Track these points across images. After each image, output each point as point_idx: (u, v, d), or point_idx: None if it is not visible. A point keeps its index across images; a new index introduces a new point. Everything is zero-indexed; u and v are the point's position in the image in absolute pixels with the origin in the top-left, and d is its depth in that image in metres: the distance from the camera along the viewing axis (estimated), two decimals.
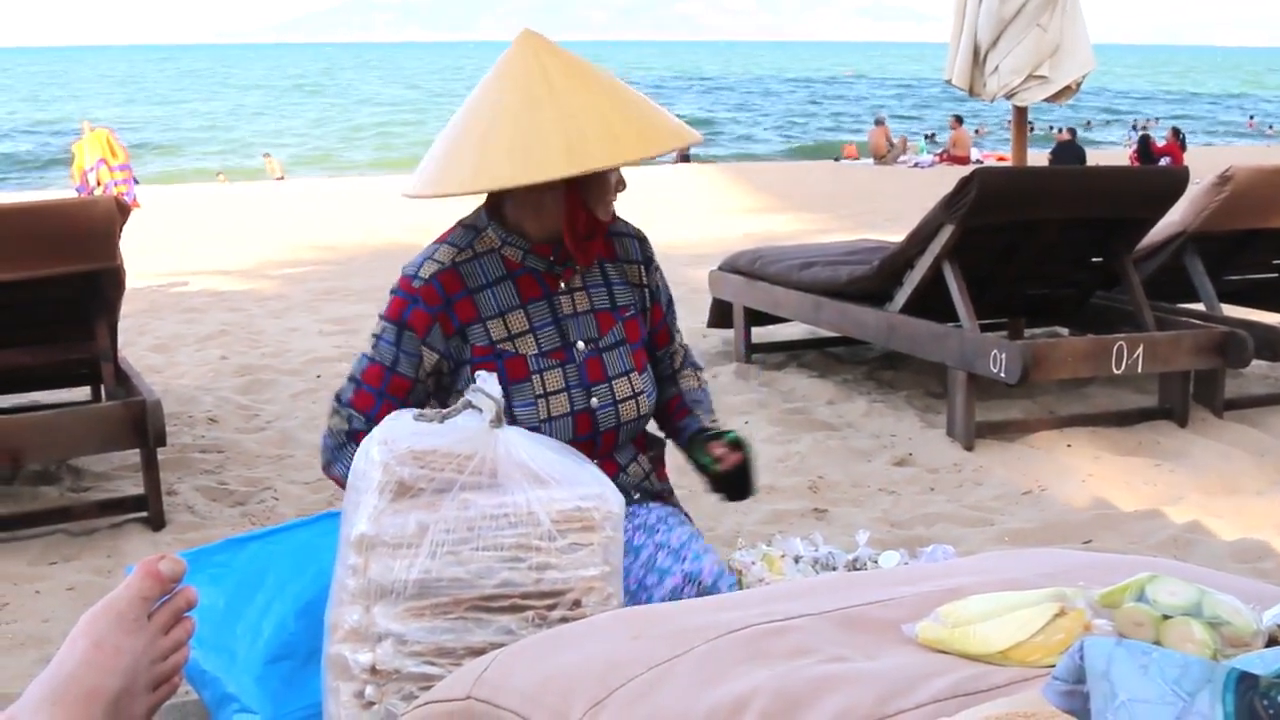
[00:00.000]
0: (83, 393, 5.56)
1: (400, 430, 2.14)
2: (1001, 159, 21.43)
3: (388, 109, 58.38)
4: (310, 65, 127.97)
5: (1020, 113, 6.77)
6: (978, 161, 25.79)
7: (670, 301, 2.80)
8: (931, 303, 5.33)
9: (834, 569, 2.77)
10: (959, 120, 26.62)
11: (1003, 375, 4.88)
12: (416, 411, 2.18)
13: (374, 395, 2.51)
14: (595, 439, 2.54)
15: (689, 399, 2.80)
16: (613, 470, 2.54)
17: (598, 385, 2.55)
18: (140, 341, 7.52)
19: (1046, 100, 6.41)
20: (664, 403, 2.80)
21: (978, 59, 6.34)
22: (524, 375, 2.50)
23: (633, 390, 2.59)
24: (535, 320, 2.54)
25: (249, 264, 11.67)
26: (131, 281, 4.87)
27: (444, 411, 2.15)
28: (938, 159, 26.13)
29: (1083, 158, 23.65)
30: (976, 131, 28.34)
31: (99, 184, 14.18)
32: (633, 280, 2.68)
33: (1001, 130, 29.96)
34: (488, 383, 2.13)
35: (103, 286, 4.52)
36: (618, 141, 2.36)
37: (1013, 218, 5.24)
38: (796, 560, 2.80)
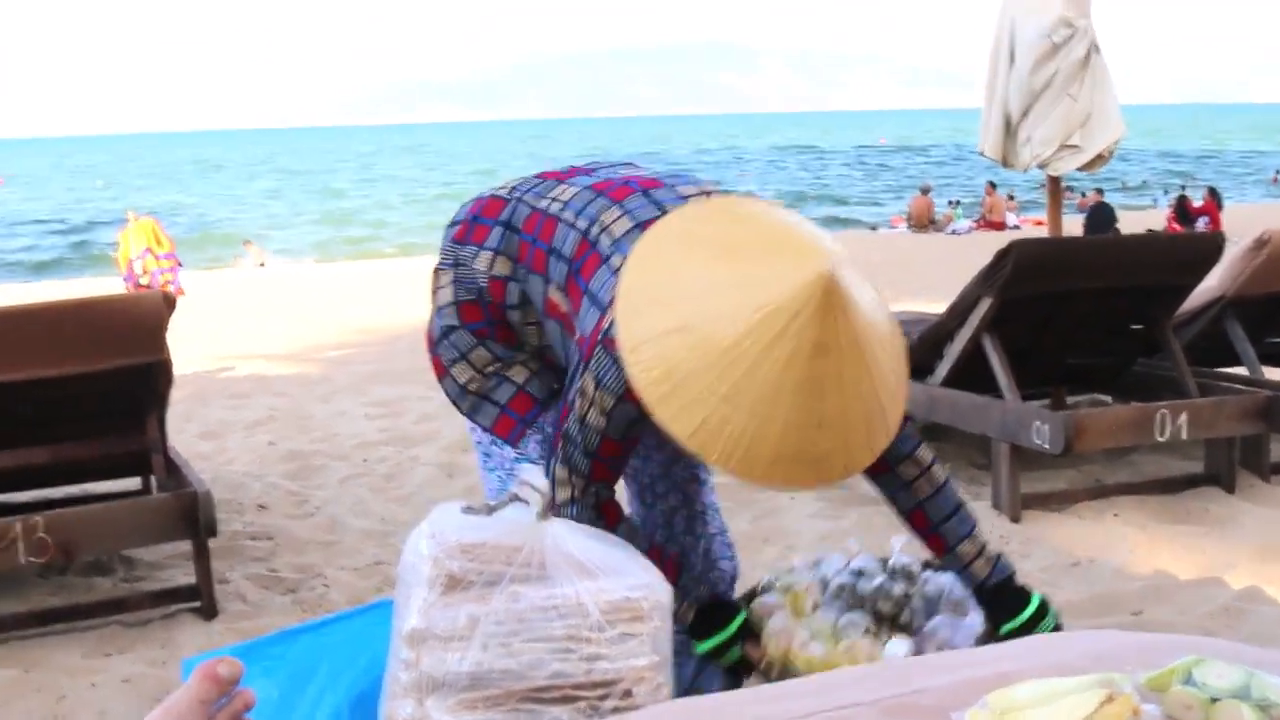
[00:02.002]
0: (133, 482, 5.62)
1: (449, 523, 2.17)
2: (1039, 223, 21.45)
3: (426, 188, 58.88)
4: (361, 148, 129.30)
5: (1054, 182, 6.81)
6: (1014, 227, 25.82)
7: None
8: (973, 374, 5.35)
9: (867, 589, 2.68)
10: (993, 186, 26.68)
11: (1046, 446, 4.89)
12: (465, 505, 2.22)
13: (602, 464, 2.46)
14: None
15: (929, 514, 2.68)
16: None
17: None
18: (189, 429, 7.60)
19: (1079, 169, 6.45)
20: (904, 514, 2.72)
21: (1009, 130, 6.39)
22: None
23: None
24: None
25: (294, 347, 11.78)
26: (179, 367, 4.94)
27: (492, 504, 2.19)
28: (974, 225, 26.18)
29: (1113, 218, 23.64)
30: (1010, 197, 28.37)
31: (144, 272, 14.38)
32: None
33: (1034, 192, 30.01)
34: (534, 475, 2.16)
35: (152, 379, 4.59)
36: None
37: (1050, 288, 5.26)
38: (824, 586, 2.67)
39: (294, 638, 2.74)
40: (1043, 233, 7.31)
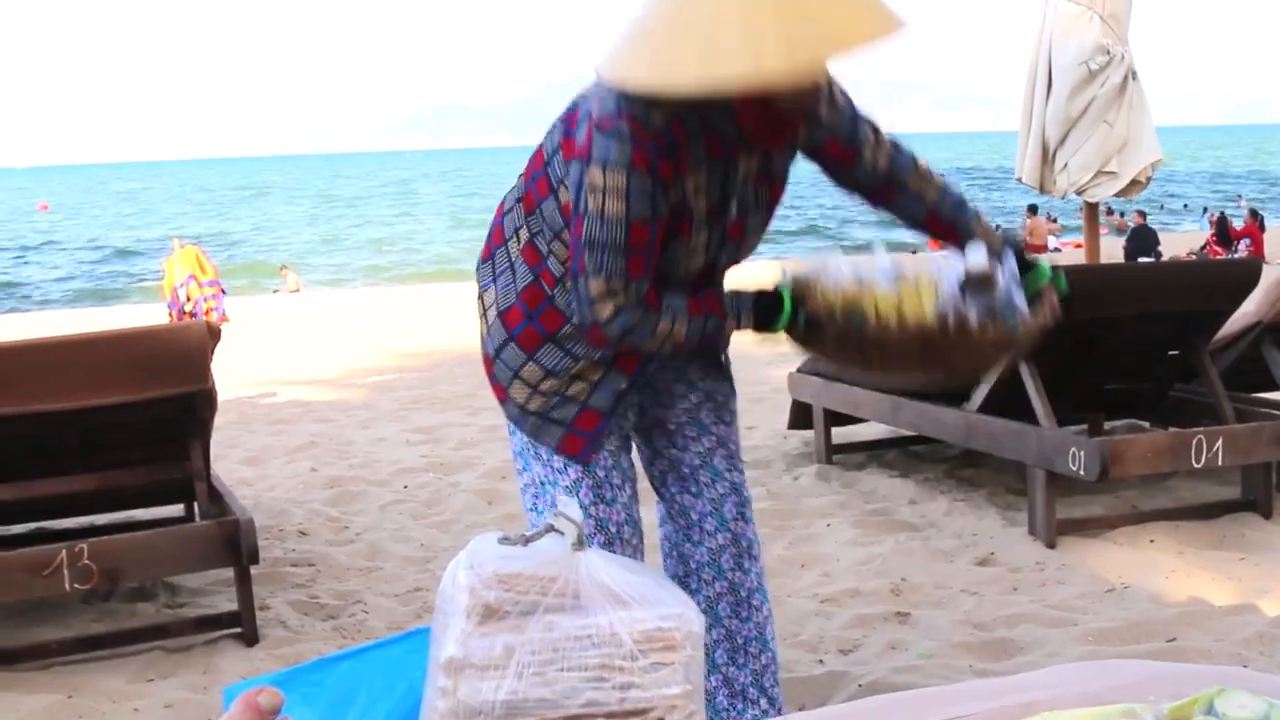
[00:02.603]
0: (176, 509, 5.69)
1: (486, 554, 2.21)
2: (1079, 246, 21.39)
3: (462, 213, 59.17)
4: (397, 173, 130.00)
5: (1091, 208, 6.82)
6: (1055, 250, 25.73)
7: (855, 119, 2.77)
8: (1009, 401, 5.36)
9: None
10: (1033, 210, 26.62)
11: (1082, 473, 4.89)
12: (501, 535, 2.25)
13: (634, 255, 2.52)
14: (715, 271, 2.72)
15: (942, 212, 2.85)
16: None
17: (732, 242, 2.68)
18: (232, 454, 7.68)
19: (1116, 195, 6.46)
20: (914, 219, 2.85)
21: (1046, 157, 6.40)
22: (687, 234, 2.60)
23: (755, 242, 2.75)
24: (711, 180, 2.59)
25: (335, 372, 11.87)
26: (223, 393, 5.01)
27: (527, 535, 2.23)
28: None
29: (1155, 240, 23.55)
30: (1053, 219, 28.28)
31: (188, 299, 14.53)
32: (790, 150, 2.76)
33: (1076, 214, 29.91)
34: (569, 506, 2.20)
35: (196, 408, 4.66)
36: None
37: (1087, 315, 5.26)
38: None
39: (333, 665, 2.79)
40: (1083, 256, 7.31)
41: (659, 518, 3.01)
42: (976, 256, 2.52)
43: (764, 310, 2.65)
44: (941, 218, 2.83)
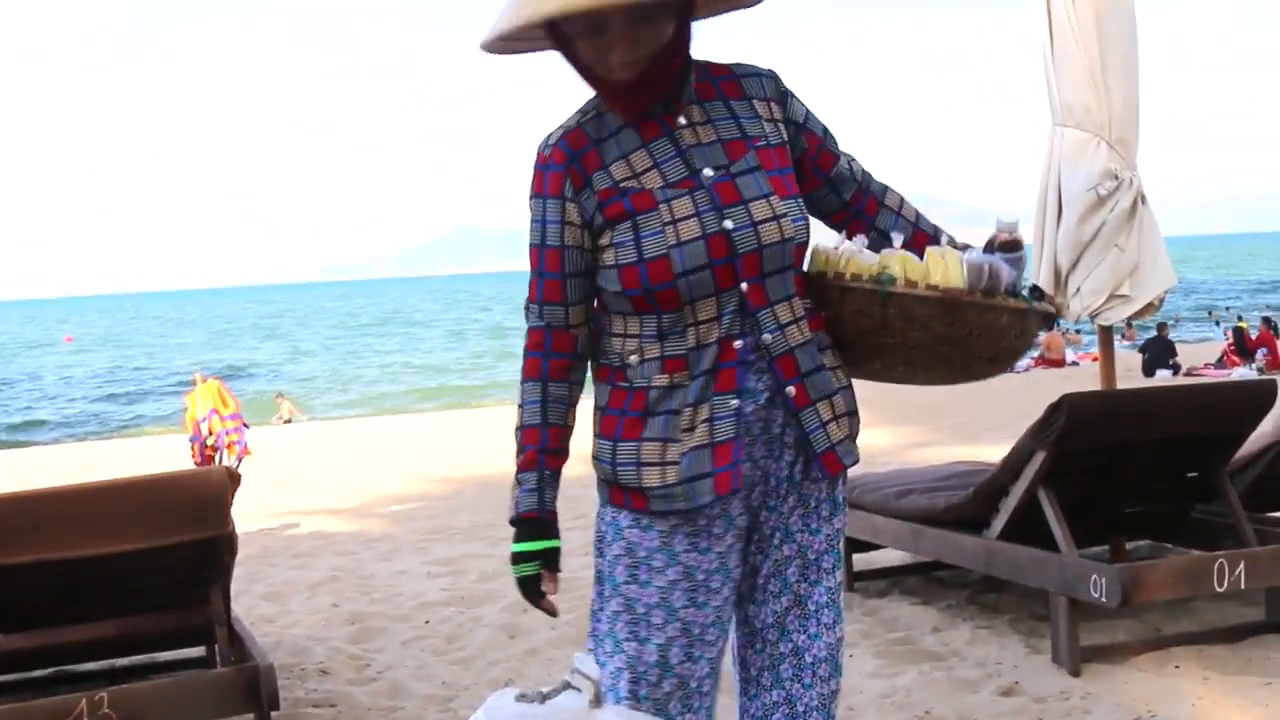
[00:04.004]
0: (197, 650, 5.70)
1: (503, 711, 2.22)
2: (1095, 359, 21.43)
3: (475, 340, 59.53)
4: (412, 299, 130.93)
5: (1105, 331, 6.84)
6: (1073, 363, 25.76)
7: (825, 128, 2.76)
8: (1029, 527, 5.35)
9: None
10: (1053, 324, 26.72)
11: (1104, 600, 4.88)
12: (517, 692, 2.26)
13: (537, 278, 2.60)
14: (735, 263, 2.51)
15: (923, 227, 2.83)
16: (760, 300, 2.55)
17: (732, 207, 2.52)
18: (253, 590, 7.69)
19: (1130, 318, 6.48)
20: (906, 238, 2.78)
21: (1059, 281, 6.42)
22: (650, 205, 2.52)
23: (774, 212, 2.53)
24: (659, 156, 2.55)
25: (356, 501, 11.90)
26: (244, 525, 5.04)
27: (544, 691, 2.24)
28: (1033, 362, 26.12)
29: (1172, 351, 23.59)
30: (1076, 331, 28.33)
31: (210, 433, 14.59)
32: (764, 115, 2.66)
33: (1093, 329, 29.94)
34: (585, 663, 2.21)
35: (217, 553, 4.69)
36: None
37: (1104, 441, 5.29)
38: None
39: None
40: (1099, 372, 7.33)
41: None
42: (1006, 217, 2.59)
43: (529, 528, 2.65)
44: (929, 235, 2.80)
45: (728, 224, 2.49)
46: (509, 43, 2.55)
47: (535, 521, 2.62)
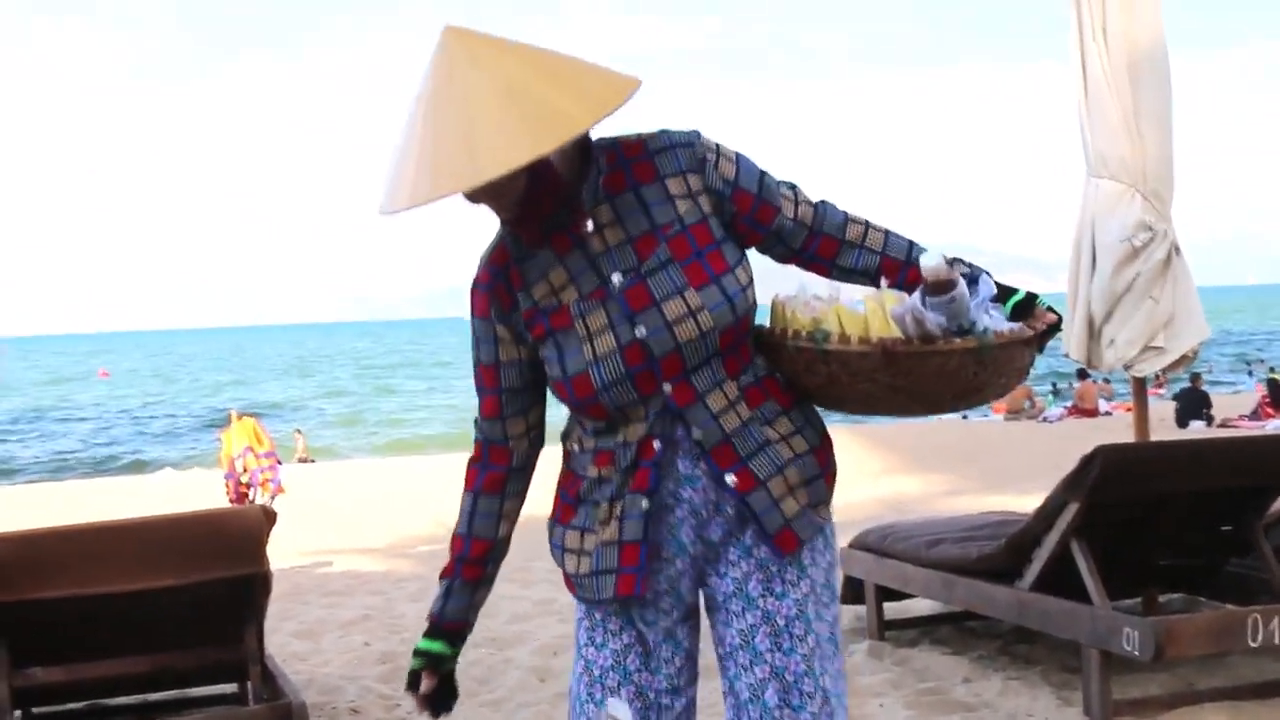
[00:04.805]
0: (229, 687, 5.72)
1: None
2: (1130, 409, 21.36)
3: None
4: (440, 340, 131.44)
5: (1139, 383, 6.84)
6: (1106, 413, 25.65)
7: (761, 178, 2.63)
8: (1062, 579, 5.34)
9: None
10: (1084, 374, 26.59)
11: (1136, 653, 4.86)
12: None
13: (478, 392, 2.65)
14: (653, 368, 2.47)
15: (890, 253, 2.68)
16: (686, 398, 2.50)
17: (644, 312, 2.46)
18: (285, 627, 7.71)
19: (1163, 371, 6.49)
20: (867, 272, 2.67)
21: (1093, 332, 6.43)
22: (567, 323, 2.50)
23: (688, 307, 2.45)
24: (574, 269, 2.52)
25: (387, 540, 11.95)
26: (277, 563, 5.06)
27: None
28: (1066, 412, 26.04)
29: (1207, 402, 23.46)
30: (1106, 380, 28.23)
31: (245, 470, 14.67)
32: (678, 193, 2.54)
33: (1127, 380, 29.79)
34: (617, 708, 2.23)
35: (251, 591, 4.73)
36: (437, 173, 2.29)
37: (1137, 493, 5.28)
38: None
39: None
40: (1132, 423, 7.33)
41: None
42: (929, 258, 2.41)
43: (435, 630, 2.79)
44: (898, 260, 2.67)
45: (640, 331, 2.46)
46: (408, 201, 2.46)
47: (433, 625, 2.77)
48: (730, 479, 2.52)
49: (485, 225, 2.61)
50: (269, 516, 4.68)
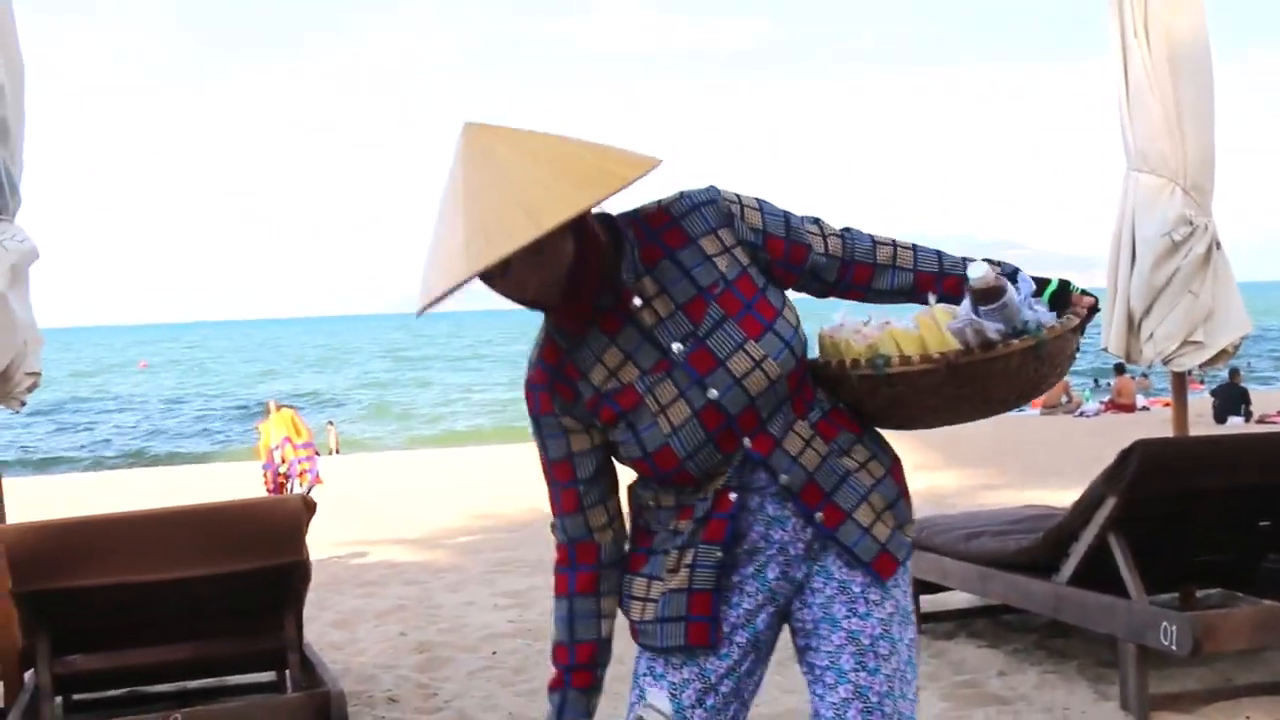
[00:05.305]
0: (266, 675, 5.77)
1: None
2: (1168, 404, 21.25)
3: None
4: (477, 332, 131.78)
5: (1178, 378, 6.81)
6: (1144, 408, 25.51)
7: (786, 220, 2.64)
8: (1099, 573, 5.33)
9: None
10: (1121, 369, 26.44)
11: (1174, 648, 4.85)
12: None
13: (551, 490, 2.63)
14: (732, 426, 2.49)
15: (923, 267, 2.70)
16: (768, 446, 2.52)
17: (711, 374, 2.47)
18: (322, 617, 7.77)
19: (1203, 366, 6.46)
20: (903, 290, 2.70)
21: (1132, 326, 6.41)
22: (636, 401, 2.50)
23: (753, 361, 2.47)
24: (628, 346, 2.52)
25: (424, 532, 11.98)
26: (314, 553, 5.09)
27: None
28: (1103, 407, 25.91)
29: (1245, 398, 23.30)
30: (1144, 375, 28.09)
31: (283, 461, 14.75)
32: (713, 251, 2.56)
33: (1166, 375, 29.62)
34: (657, 698, 2.24)
35: (291, 580, 4.76)
36: (464, 254, 2.28)
37: (1175, 488, 5.26)
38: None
39: None
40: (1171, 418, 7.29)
41: None
42: (976, 269, 2.45)
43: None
44: (931, 273, 2.70)
45: (712, 393, 2.47)
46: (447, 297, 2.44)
47: None
48: (819, 515, 2.54)
49: None
50: (309, 506, 4.72)
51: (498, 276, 2.40)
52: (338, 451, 28.40)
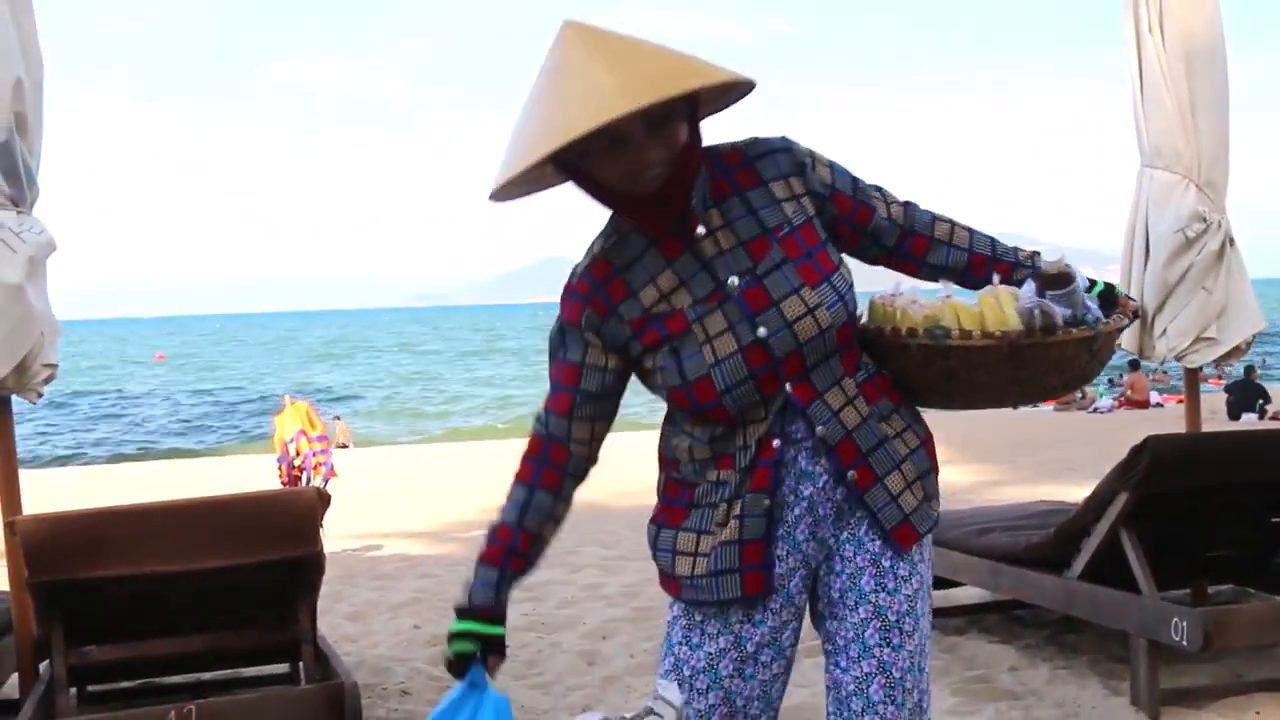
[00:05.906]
0: (280, 667, 5.79)
1: None
2: (1181, 401, 21.22)
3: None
4: (498, 326, 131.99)
5: (1191, 374, 6.81)
6: (1158, 405, 25.47)
7: (854, 181, 2.69)
8: (1110, 568, 5.33)
9: None
10: (1135, 365, 26.41)
11: (1185, 644, 4.85)
12: (602, 715, 2.31)
13: (550, 388, 2.63)
14: (777, 368, 2.49)
15: (977, 249, 2.75)
16: (808, 396, 2.52)
17: (764, 313, 2.48)
18: (336, 609, 7.79)
19: (1216, 362, 6.46)
20: (956, 268, 2.74)
21: (1145, 322, 6.42)
22: (684, 327, 2.50)
23: (807, 306, 2.48)
24: (685, 273, 2.53)
25: (437, 525, 12.02)
26: (328, 545, 5.11)
27: (627, 717, 2.29)
28: (1117, 403, 25.88)
29: (1262, 394, 23.23)
30: (1163, 371, 28.05)
31: (298, 454, 14.76)
32: (783, 196, 2.59)
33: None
34: (668, 690, 2.26)
35: (305, 572, 4.78)
36: (595, 103, 2.27)
37: (1187, 484, 5.26)
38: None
39: None
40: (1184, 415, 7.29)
41: None
42: (1050, 253, 2.53)
43: (470, 611, 2.62)
44: (986, 256, 2.75)
45: (761, 331, 2.48)
46: (519, 186, 2.50)
47: (490, 612, 2.61)
48: (852, 474, 2.55)
49: (529, 221, 2.61)
50: (323, 498, 4.74)
51: (609, 151, 2.40)
52: (345, 446, 28.40)
